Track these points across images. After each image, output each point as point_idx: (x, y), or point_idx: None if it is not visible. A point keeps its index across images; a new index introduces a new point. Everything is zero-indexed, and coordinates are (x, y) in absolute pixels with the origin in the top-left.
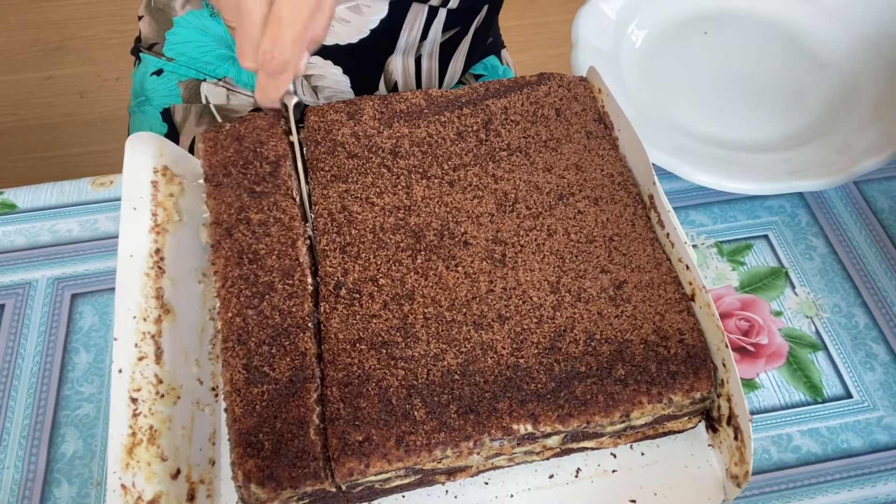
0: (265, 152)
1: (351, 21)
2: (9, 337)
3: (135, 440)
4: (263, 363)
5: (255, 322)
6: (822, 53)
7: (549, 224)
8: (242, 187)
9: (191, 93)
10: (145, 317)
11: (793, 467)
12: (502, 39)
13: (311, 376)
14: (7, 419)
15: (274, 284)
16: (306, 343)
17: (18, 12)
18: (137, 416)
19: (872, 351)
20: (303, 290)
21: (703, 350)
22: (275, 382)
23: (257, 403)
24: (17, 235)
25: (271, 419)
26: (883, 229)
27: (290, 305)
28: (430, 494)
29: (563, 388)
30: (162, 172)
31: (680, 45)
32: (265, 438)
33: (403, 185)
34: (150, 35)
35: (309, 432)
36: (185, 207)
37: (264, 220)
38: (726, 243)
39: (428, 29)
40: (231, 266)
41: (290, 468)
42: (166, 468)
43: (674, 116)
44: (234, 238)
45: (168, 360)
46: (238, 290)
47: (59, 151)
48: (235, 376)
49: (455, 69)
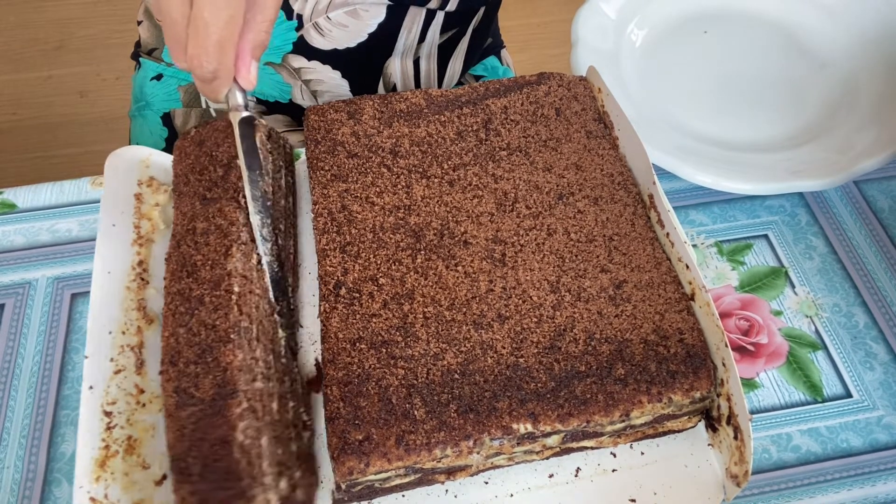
0: (219, 155)
1: (349, 26)
2: (9, 337)
3: (108, 452)
4: (189, 384)
5: (184, 341)
6: (822, 53)
7: (548, 223)
8: (197, 195)
9: (191, 97)
10: (124, 330)
11: (792, 467)
12: (502, 39)
13: (232, 392)
14: (7, 419)
15: (203, 298)
16: (227, 356)
17: (18, 12)
18: (112, 428)
19: (872, 350)
20: (227, 301)
21: (703, 349)
22: (200, 402)
23: (186, 427)
24: (17, 235)
25: (198, 442)
26: (883, 229)
27: (215, 318)
28: (430, 494)
29: (563, 388)
30: (147, 184)
31: (680, 45)
32: (193, 462)
33: (403, 185)
34: (149, 40)
35: (232, 451)
36: (171, 215)
37: (206, 228)
38: (726, 243)
39: (426, 31)
40: (174, 280)
41: (220, 490)
42: (149, 475)
43: (674, 116)
44: (180, 250)
45: (151, 369)
46: (175, 306)
47: (58, 151)
48: (168, 401)
49: (454, 70)
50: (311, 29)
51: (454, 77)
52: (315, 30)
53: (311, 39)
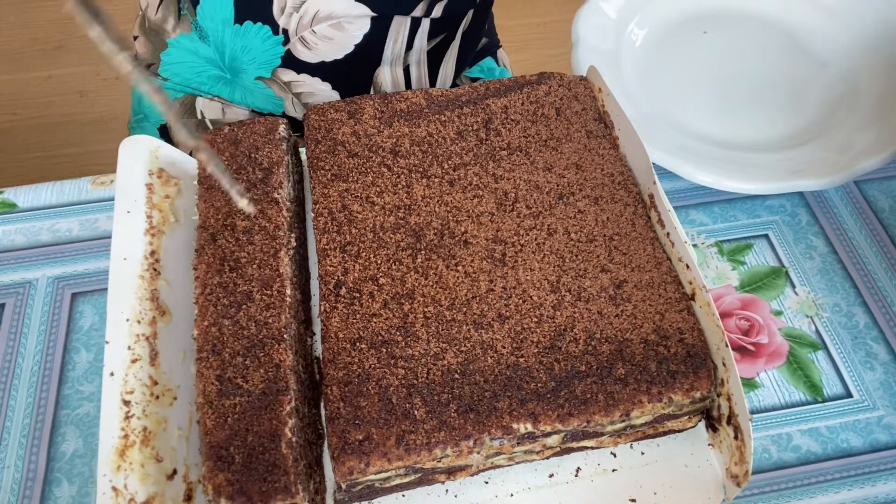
0: (259, 158)
1: (334, 38)
2: (9, 336)
3: (127, 442)
4: (237, 375)
5: (230, 332)
6: (822, 53)
7: (549, 223)
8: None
9: (186, 108)
10: (139, 319)
11: (793, 467)
12: (498, 39)
13: (284, 388)
14: (7, 418)
15: (252, 294)
16: (281, 355)
17: (18, 11)
18: (130, 418)
19: (872, 350)
20: (280, 301)
21: (703, 349)
22: (248, 394)
23: (229, 416)
24: (17, 235)
25: (243, 432)
26: (883, 229)
27: (267, 316)
28: (430, 493)
29: (563, 388)
30: (157, 175)
31: (680, 45)
32: (236, 452)
33: (404, 185)
34: (146, 55)
35: (280, 446)
36: (181, 208)
37: (249, 227)
38: (726, 243)
39: (413, 39)
40: (212, 273)
41: (261, 482)
42: (161, 469)
43: (674, 116)
44: (217, 244)
45: (164, 361)
46: (216, 298)
47: (59, 151)
48: (208, 388)
49: (446, 73)
50: (297, 43)
51: (447, 79)
52: (301, 43)
53: (299, 53)
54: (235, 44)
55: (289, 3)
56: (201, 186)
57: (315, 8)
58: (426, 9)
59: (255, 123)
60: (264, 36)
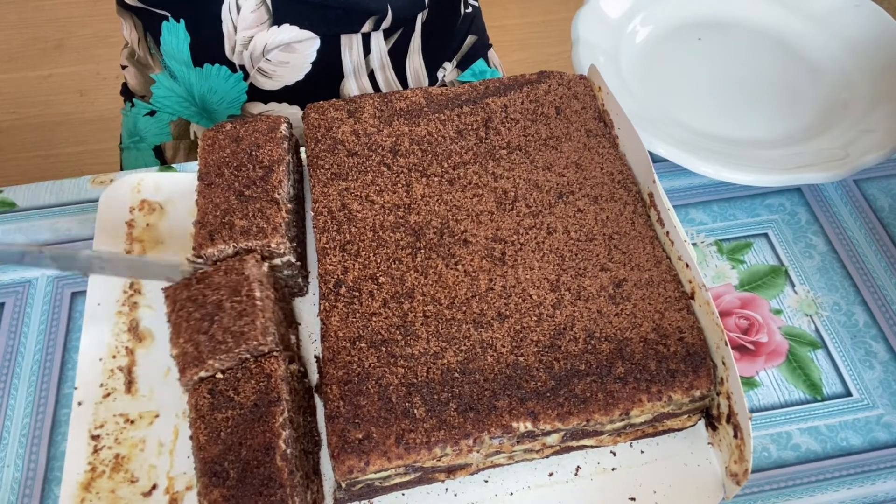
0: (260, 156)
1: (290, 62)
2: (9, 335)
3: (94, 474)
4: (228, 387)
5: (207, 349)
6: (813, 59)
7: (548, 222)
8: (232, 189)
9: (180, 130)
10: (114, 354)
11: (792, 465)
12: (487, 37)
13: (276, 399)
14: (7, 417)
15: (222, 303)
16: (272, 365)
17: (18, 10)
18: (99, 451)
19: (872, 349)
20: (251, 307)
21: (703, 348)
22: (239, 407)
23: (221, 430)
24: (17, 233)
25: (236, 446)
26: (882, 227)
27: (241, 325)
28: (430, 492)
29: (563, 387)
30: (139, 208)
31: (677, 50)
32: (230, 467)
33: (403, 184)
34: (137, 87)
35: (275, 458)
36: (165, 228)
37: (247, 227)
38: (726, 241)
39: (368, 45)
40: (180, 288)
41: (256, 497)
42: (137, 489)
43: (674, 114)
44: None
45: (142, 386)
46: (187, 313)
47: (58, 150)
48: (200, 401)
49: (415, 67)
50: (257, 75)
51: (418, 74)
52: (261, 74)
53: (261, 84)
54: (202, 86)
55: (238, 41)
56: (201, 182)
57: (263, 42)
58: (374, 24)
59: (257, 121)
60: (225, 76)
